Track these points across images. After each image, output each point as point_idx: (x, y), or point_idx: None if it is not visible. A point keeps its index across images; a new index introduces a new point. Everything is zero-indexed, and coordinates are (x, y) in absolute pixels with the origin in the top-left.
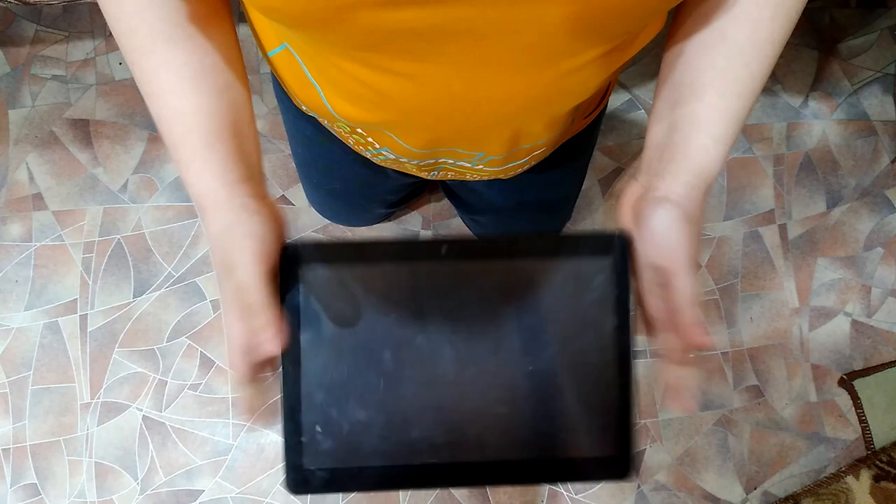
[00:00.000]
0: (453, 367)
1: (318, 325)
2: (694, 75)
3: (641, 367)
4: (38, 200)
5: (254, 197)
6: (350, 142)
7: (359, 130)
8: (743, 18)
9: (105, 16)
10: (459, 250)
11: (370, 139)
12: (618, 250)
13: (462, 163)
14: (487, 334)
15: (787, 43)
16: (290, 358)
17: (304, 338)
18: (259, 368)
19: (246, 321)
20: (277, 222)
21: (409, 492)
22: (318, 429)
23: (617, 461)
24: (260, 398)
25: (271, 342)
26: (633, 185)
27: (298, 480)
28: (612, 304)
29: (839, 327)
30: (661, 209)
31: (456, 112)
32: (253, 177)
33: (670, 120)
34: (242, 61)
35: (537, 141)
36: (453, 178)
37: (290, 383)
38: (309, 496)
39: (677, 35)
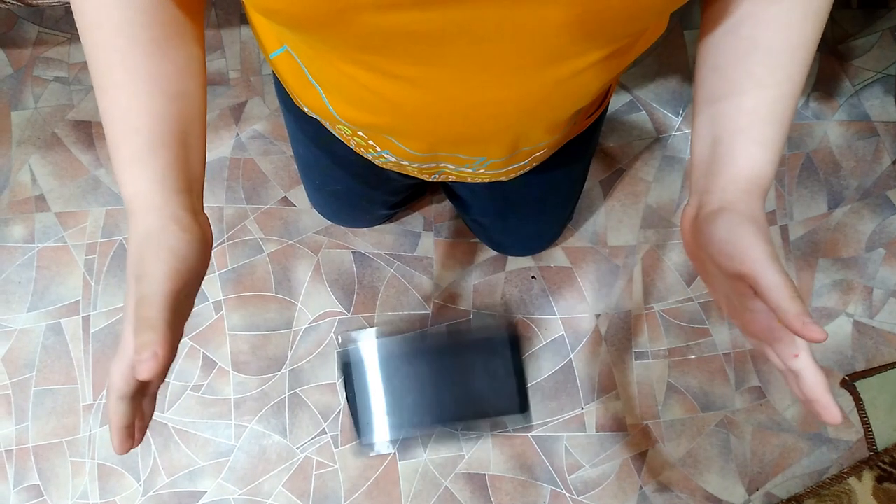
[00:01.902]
0: (437, 383)
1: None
2: (731, 86)
3: (641, 368)
4: (40, 202)
5: (188, 211)
6: (352, 144)
7: (360, 133)
8: (773, 24)
9: (73, 10)
10: (436, 337)
11: (371, 142)
12: (512, 331)
13: (463, 168)
14: (452, 371)
15: None
16: (353, 380)
17: (358, 379)
18: (139, 388)
19: (136, 335)
20: (205, 243)
21: (412, 489)
22: (373, 409)
23: (519, 406)
24: (131, 419)
25: (145, 364)
26: (686, 209)
27: (366, 433)
28: (513, 355)
29: (841, 328)
30: (719, 219)
31: (456, 116)
32: (191, 190)
33: (712, 134)
34: (204, 75)
35: (538, 143)
36: (455, 180)
37: (353, 391)
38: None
39: (708, 50)
